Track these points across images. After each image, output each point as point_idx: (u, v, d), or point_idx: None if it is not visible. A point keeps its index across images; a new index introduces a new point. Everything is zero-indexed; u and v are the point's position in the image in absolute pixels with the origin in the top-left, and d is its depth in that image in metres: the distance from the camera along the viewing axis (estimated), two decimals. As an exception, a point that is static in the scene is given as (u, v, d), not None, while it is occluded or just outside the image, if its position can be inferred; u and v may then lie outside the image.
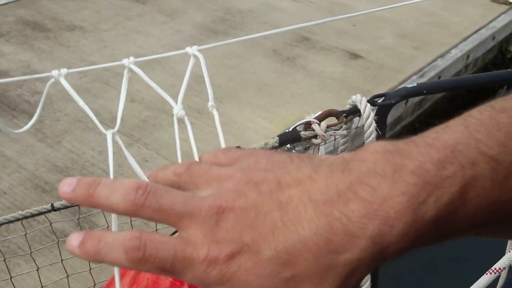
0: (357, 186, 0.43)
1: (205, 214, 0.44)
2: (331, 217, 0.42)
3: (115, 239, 0.45)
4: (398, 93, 1.53)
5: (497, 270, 1.17)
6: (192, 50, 0.93)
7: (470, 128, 0.44)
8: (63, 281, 2.39)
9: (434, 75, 5.35)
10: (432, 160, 0.43)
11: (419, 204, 0.42)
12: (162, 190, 0.46)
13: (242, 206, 0.44)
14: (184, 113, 0.79)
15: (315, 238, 0.42)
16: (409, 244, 0.43)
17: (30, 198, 3.66)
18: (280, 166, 0.47)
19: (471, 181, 0.42)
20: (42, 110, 3.76)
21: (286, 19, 6.23)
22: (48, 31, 5.79)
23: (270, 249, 0.42)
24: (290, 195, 0.44)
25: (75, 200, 0.48)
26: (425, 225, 0.42)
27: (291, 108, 4.72)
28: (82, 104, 0.79)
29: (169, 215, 0.45)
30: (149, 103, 4.51)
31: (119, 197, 0.46)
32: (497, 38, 6.45)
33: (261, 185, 0.45)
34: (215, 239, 0.43)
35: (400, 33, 5.99)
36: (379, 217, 0.41)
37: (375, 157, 0.44)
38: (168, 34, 5.83)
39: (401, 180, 0.42)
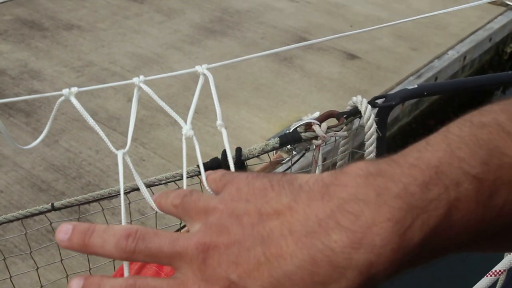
0: (339, 214, 0.42)
1: (192, 253, 0.45)
2: (313, 249, 0.41)
3: (113, 286, 0.47)
4: (399, 94, 1.54)
5: (497, 273, 1.18)
6: (201, 69, 0.93)
7: (451, 146, 0.44)
8: (60, 280, 2.39)
9: (431, 76, 5.36)
10: (417, 182, 0.42)
11: (405, 230, 0.41)
12: (151, 233, 0.48)
13: (226, 243, 0.44)
14: (192, 133, 0.79)
15: (300, 272, 0.41)
16: (396, 269, 0.42)
17: (27, 197, 3.66)
18: (261, 195, 0.46)
19: (455, 203, 0.42)
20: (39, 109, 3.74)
21: (283, 20, 6.23)
22: (46, 30, 5.79)
23: (256, 286, 0.42)
24: (271, 228, 0.44)
25: (73, 249, 0.50)
26: (412, 250, 0.41)
27: (288, 108, 4.72)
28: (92, 123, 0.79)
29: (160, 258, 0.47)
30: (146, 103, 4.50)
31: (112, 246, 0.48)
32: (494, 40, 6.45)
33: (242, 217, 0.45)
34: (204, 278, 0.44)
35: (397, 34, 5.99)
36: (364, 246, 0.40)
37: (357, 181, 0.43)
38: (166, 34, 5.82)
39: (386, 205, 0.41)
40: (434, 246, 0.42)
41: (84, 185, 3.78)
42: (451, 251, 0.45)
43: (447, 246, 0.43)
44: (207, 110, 4.45)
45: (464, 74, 6.09)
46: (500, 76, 1.51)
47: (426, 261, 0.44)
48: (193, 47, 5.57)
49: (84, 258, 2.47)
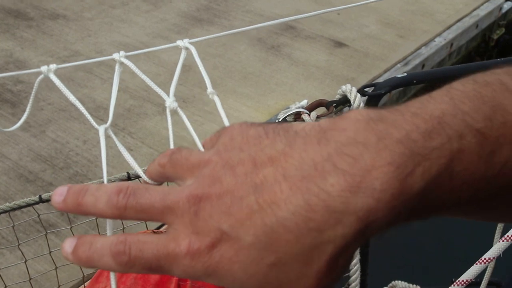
0: (336, 157, 0.40)
1: (183, 207, 0.44)
2: (309, 193, 0.40)
3: (103, 244, 0.46)
4: (388, 83, 1.53)
5: (486, 260, 1.18)
6: (183, 43, 0.92)
7: (455, 99, 0.43)
8: (49, 271, 2.38)
9: (418, 63, 5.36)
10: (419, 130, 0.41)
11: (406, 175, 0.39)
12: (142, 189, 0.46)
13: (217, 193, 0.43)
14: (176, 105, 0.78)
15: (294, 218, 0.40)
16: (395, 218, 0.40)
17: (14, 187, 3.64)
18: (255, 143, 0.45)
19: (458, 154, 0.41)
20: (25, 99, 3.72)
21: (271, 8, 6.21)
22: (31, 19, 5.74)
23: (249, 235, 0.41)
24: (264, 175, 0.42)
25: (67, 210, 0.49)
26: (412, 198, 0.40)
27: (276, 96, 4.71)
28: (72, 99, 0.78)
29: (152, 214, 0.46)
30: (133, 92, 4.49)
31: (104, 203, 0.47)
32: (480, 26, 6.47)
33: (236, 167, 0.44)
34: (195, 231, 0.43)
35: (384, 21, 6.00)
36: (363, 190, 0.39)
37: (356, 125, 0.41)
38: (153, 23, 5.80)
39: (387, 149, 0.40)
40: (433, 199, 0.41)
41: (72, 175, 3.77)
42: (449, 209, 0.44)
43: (446, 202, 0.42)
44: (195, 99, 4.44)
45: (451, 61, 6.11)
46: (488, 64, 1.52)
47: (424, 215, 0.43)
48: (180, 36, 5.54)
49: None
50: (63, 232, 3.04)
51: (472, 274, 1.20)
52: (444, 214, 0.45)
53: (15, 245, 2.03)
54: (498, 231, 1.54)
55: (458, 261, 2.16)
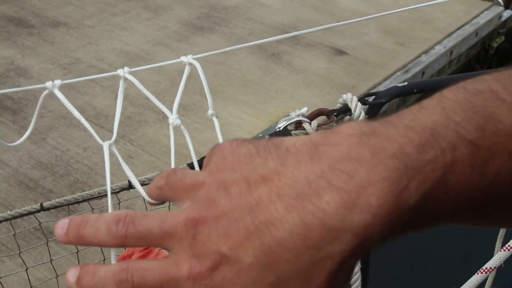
0: (330, 173, 0.40)
1: (181, 231, 0.44)
2: (304, 212, 0.40)
3: (106, 273, 0.46)
4: (389, 92, 1.54)
5: (487, 270, 1.18)
6: (187, 59, 0.92)
7: (447, 110, 0.43)
8: (50, 279, 2.38)
9: (418, 71, 5.37)
10: (413, 143, 0.40)
11: (401, 190, 0.39)
12: (140, 217, 0.47)
13: (214, 216, 0.43)
14: (179, 122, 0.78)
15: (291, 237, 0.40)
16: (391, 232, 0.40)
17: (14, 195, 3.64)
18: (247, 162, 0.45)
19: (451, 167, 0.41)
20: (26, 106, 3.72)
21: (271, 15, 6.23)
22: (32, 27, 5.76)
23: (248, 256, 0.41)
24: (259, 195, 0.42)
25: (70, 243, 0.50)
26: (407, 212, 0.40)
27: (276, 104, 4.72)
28: (77, 115, 0.78)
29: (151, 240, 0.46)
30: (134, 100, 4.49)
31: (104, 233, 0.48)
32: (480, 34, 6.48)
33: (230, 188, 0.44)
34: (195, 254, 0.43)
35: (384, 29, 6.01)
36: (359, 207, 0.39)
37: (349, 140, 0.41)
38: (153, 30, 5.81)
39: (381, 164, 0.40)
40: (428, 211, 0.41)
41: (72, 183, 3.77)
42: (444, 219, 0.44)
43: (441, 213, 0.42)
44: (195, 107, 4.44)
45: (451, 69, 6.11)
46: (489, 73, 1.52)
47: (420, 227, 0.43)
48: (180, 43, 5.56)
49: (73, 256, 2.46)
50: (63, 239, 3.04)
51: (474, 283, 1.20)
52: (439, 224, 0.45)
53: (16, 253, 2.03)
54: (499, 240, 1.54)
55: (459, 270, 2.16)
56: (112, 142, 0.75)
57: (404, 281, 2.93)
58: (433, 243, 3.94)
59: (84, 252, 2.44)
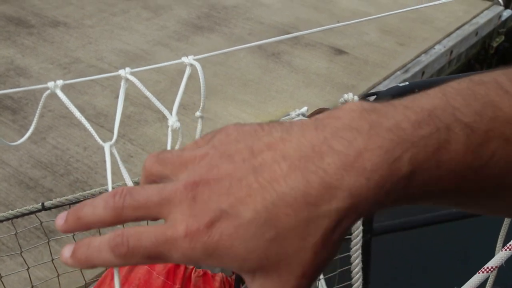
0: (332, 140, 0.43)
1: (181, 194, 0.44)
2: (307, 171, 0.42)
3: (101, 241, 0.47)
4: (390, 91, 1.54)
5: (488, 269, 1.18)
6: (188, 60, 0.93)
7: (447, 96, 0.45)
8: (51, 279, 2.38)
9: (418, 71, 5.37)
10: (409, 120, 0.43)
11: (394, 159, 0.42)
12: (138, 188, 0.47)
13: (216, 177, 0.44)
14: (179, 125, 0.79)
15: (293, 193, 0.42)
16: (385, 198, 0.43)
17: (14, 194, 3.64)
18: (251, 135, 0.46)
19: (445, 144, 0.43)
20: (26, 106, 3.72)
21: (270, 15, 6.23)
22: (32, 27, 5.76)
23: (249, 211, 0.42)
24: (263, 158, 0.44)
25: (70, 229, 0.50)
26: (400, 181, 0.42)
27: (276, 103, 4.72)
28: (78, 116, 0.78)
29: (149, 208, 0.46)
30: (133, 99, 4.49)
31: (101, 208, 0.48)
32: (480, 34, 6.49)
33: (233, 156, 0.45)
34: (192, 214, 0.43)
35: (384, 29, 6.01)
36: (355, 169, 0.42)
37: (351, 114, 0.44)
38: (153, 30, 5.81)
39: (377, 136, 0.43)
40: (420, 184, 0.43)
41: (72, 182, 3.77)
42: (435, 197, 0.46)
43: (433, 189, 0.44)
44: (195, 106, 4.44)
45: (451, 69, 6.12)
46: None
47: (413, 199, 0.45)
48: (180, 43, 5.56)
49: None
50: (64, 239, 3.04)
51: (475, 283, 1.20)
52: (434, 202, 0.48)
53: (18, 252, 2.03)
54: (500, 239, 1.54)
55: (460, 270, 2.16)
56: (113, 143, 0.75)
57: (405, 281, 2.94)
58: (433, 243, 3.94)
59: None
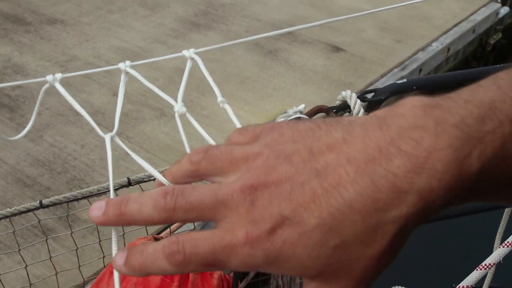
0: (399, 140, 0.41)
1: (238, 198, 0.43)
2: (375, 175, 0.41)
3: (156, 248, 0.45)
4: (388, 88, 1.54)
5: (487, 266, 1.18)
6: (189, 53, 0.93)
7: (502, 87, 0.44)
8: (49, 277, 2.38)
9: (415, 68, 5.37)
10: (473, 115, 0.42)
11: (464, 157, 0.41)
12: (189, 188, 0.45)
13: (276, 181, 0.42)
14: (185, 110, 0.78)
15: (361, 199, 0.40)
16: (454, 198, 0.42)
17: (12, 192, 3.64)
18: (308, 135, 0.44)
19: (509, 137, 0.42)
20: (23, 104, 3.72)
21: (268, 12, 6.22)
22: (29, 24, 5.75)
23: (314, 217, 0.41)
24: (325, 161, 0.42)
25: (109, 222, 0.48)
26: (469, 179, 0.41)
27: (274, 101, 4.72)
28: (78, 108, 0.78)
29: (202, 211, 0.44)
30: (131, 97, 4.49)
31: (150, 207, 0.45)
32: (477, 31, 6.48)
33: (292, 157, 0.43)
34: (252, 220, 0.42)
35: (382, 26, 6.01)
36: (426, 171, 0.40)
37: (414, 111, 0.43)
38: (150, 28, 5.80)
39: (445, 133, 0.41)
40: (488, 179, 0.43)
41: (70, 180, 3.77)
42: (498, 192, 0.45)
43: (500, 182, 0.43)
44: (193, 104, 4.44)
45: (448, 66, 6.12)
46: (488, 70, 1.52)
47: (479, 196, 0.44)
48: (177, 40, 5.55)
49: (72, 254, 2.46)
50: (61, 237, 3.04)
51: (473, 280, 1.20)
52: (495, 196, 0.46)
53: (16, 250, 2.03)
54: (498, 237, 1.54)
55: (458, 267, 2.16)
56: (114, 134, 0.74)
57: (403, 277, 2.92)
58: (432, 240, 3.94)
59: (82, 250, 2.44)
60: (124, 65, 0.86)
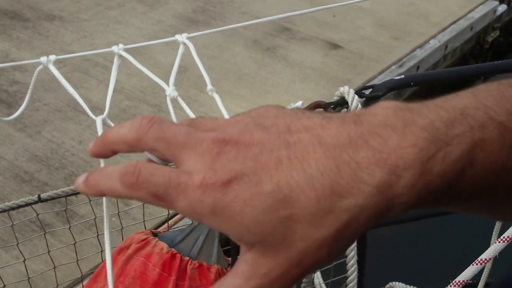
0: (368, 135, 0.42)
1: (207, 146, 0.43)
2: (340, 160, 0.41)
3: (114, 168, 0.46)
4: (386, 84, 1.54)
5: (483, 261, 1.19)
6: (182, 38, 0.93)
7: (478, 96, 0.45)
8: (46, 271, 2.38)
9: (413, 65, 5.38)
10: (442, 119, 0.43)
11: (428, 158, 0.41)
12: (168, 122, 0.46)
13: (247, 141, 0.43)
14: (176, 94, 0.79)
15: (321, 178, 0.41)
16: (415, 199, 0.42)
17: (10, 187, 3.64)
18: (291, 115, 0.45)
19: (479, 143, 0.42)
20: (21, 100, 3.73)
21: (266, 9, 6.22)
22: (27, 20, 5.74)
23: (271, 183, 0.41)
24: (299, 137, 0.43)
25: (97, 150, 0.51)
26: (433, 180, 0.42)
27: (272, 98, 4.72)
28: (71, 91, 0.79)
29: (171, 145, 0.45)
30: (129, 93, 4.49)
31: (126, 128, 0.47)
32: (475, 29, 6.49)
33: (269, 128, 0.44)
34: (212, 168, 0.42)
35: (380, 23, 6.01)
36: (387, 166, 0.41)
37: (386, 112, 0.44)
38: (149, 24, 5.80)
39: (411, 134, 0.42)
40: (454, 184, 0.43)
41: (68, 176, 3.77)
42: (468, 199, 0.45)
43: (467, 189, 0.44)
44: (191, 100, 4.45)
45: (446, 63, 6.12)
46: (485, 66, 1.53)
47: (445, 202, 0.45)
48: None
49: (69, 248, 2.46)
50: (58, 232, 3.04)
51: (469, 274, 1.21)
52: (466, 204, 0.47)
53: (13, 244, 2.03)
54: (495, 232, 1.55)
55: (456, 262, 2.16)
56: (105, 116, 0.75)
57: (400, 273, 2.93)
58: (429, 236, 3.95)
59: (79, 244, 2.44)
60: (117, 48, 0.87)
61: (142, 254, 1.59)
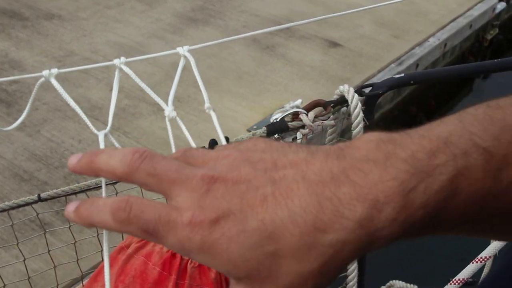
0: (350, 170, 0.43)
1: (196, 183, 0.44)
2: (323, 196, 0.42)
3: (105, 202, 0.47)
4: (385, 83, 1.55)
5: (483, 259, 1.19)
6: (183, 51, 0.93)
7: (464, 122, 0.45)
8: (46, 271, 2.38)
9: (412, 63, 5.38)
10: (425, 150, 0.43)
11: (409, 190, 0.42)
12: (159, 156, 0.47)
13: (235, 179, 0.44)
14: (175, 114, 0.79)
15: (304, 215, 0.42)
16: (398, 232, 0.43)
17: (9, 186, 3.64)
18: (278, 150, 0.47)
19: (463, 171, 0.42)
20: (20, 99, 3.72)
21: (265, 8, 6.22)
22: (26, 19, 5.74)
23: (257, 220, 0.42)
24: (284, 174, 0.44)
25: (80, 169, 0.50)
26: (414, 212, 0.42)
27: (271, 96, 4.72)
28: (73, 105, 0.79)
29: (162, 181, 0.46)
30: (128, 92, 4.49)
31: (117, 160, 0.48)
32: (474, 27, 6.49)
33: (256, 163, 0.45)
34: (201, 206, 0.43)
35: (379, 21, 6.01)
36: (368, 201, 0.41)
37: (368, 145, 0.45)
38: (148, 23, 5.80)
39: (393, 167, 0.42)
40: (438, 214, 0.43)
41: (67, 175, 3.77)
42: (455, 226, 0.46)
43: (451, 217, 0.44)
44: (190, 99, 4.44)
45: (445, 61, 6.12)
46: (484, 64, 1.53)
47: (429, 232, 0.45)
48: (175, 36, 5.55)
49: (69, 248, 2.46)
50: (58, 231, 3.04)
51: (469, 273, 1.21)
52: (452, 232, 0.47)
53: (14, 244, 2.03)
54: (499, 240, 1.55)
55: (456, 260, 2.17)
56: (107, 131, 0.75)
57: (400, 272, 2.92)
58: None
59: (79, 244, 2.44)
60: (119, 61, 0.87)
61: (142, 253, 1.59)
